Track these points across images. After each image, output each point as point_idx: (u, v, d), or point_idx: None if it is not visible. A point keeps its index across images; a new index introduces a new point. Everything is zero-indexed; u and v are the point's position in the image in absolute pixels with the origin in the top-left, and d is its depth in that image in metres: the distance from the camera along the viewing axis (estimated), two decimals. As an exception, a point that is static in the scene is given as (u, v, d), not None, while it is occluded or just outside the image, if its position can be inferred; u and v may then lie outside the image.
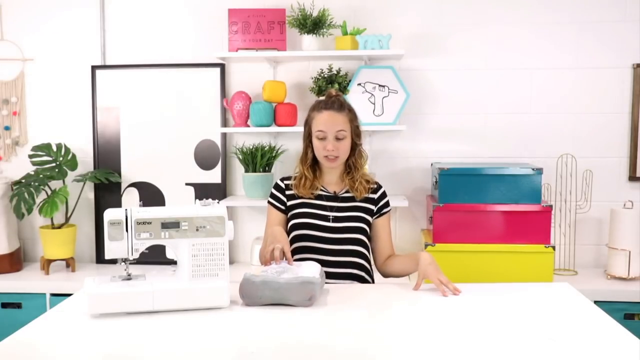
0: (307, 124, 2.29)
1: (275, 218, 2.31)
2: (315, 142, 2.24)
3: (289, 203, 2.30)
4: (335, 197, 2.29)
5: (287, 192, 2.31)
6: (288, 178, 2.35)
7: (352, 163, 2.30)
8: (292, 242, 2.26)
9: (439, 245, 2.89)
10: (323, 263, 2.18)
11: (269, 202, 2.34)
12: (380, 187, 2.35)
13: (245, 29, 3.15)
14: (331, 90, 2.36)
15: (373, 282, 2.33)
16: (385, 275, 2.35)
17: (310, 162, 2.29)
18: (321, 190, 2.29)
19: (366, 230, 2.28)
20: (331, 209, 2.26)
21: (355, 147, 2.29)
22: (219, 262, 1.86)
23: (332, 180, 2.32)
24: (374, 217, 2.31)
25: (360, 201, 2.28)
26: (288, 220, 2.30)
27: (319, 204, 2.27)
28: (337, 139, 2.21)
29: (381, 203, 2.32)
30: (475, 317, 1.79)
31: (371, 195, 2.31)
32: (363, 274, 2.27)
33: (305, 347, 1.58)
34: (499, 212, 2.89)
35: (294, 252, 2.24)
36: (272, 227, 2.21)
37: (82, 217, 3.43)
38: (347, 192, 2.30)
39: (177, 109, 3.37)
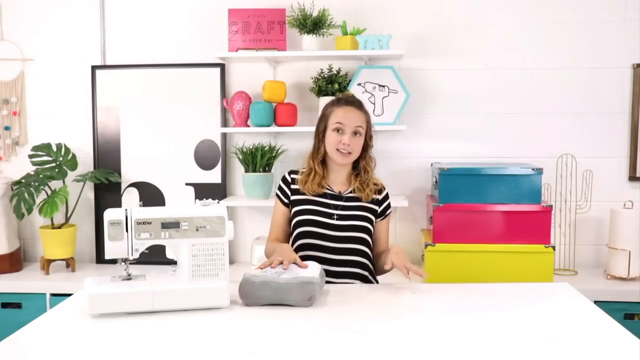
0: (324, 118, 2.29)
1: (279, 211, 2.33)
2: (330, 135, 2.24)
3: (292, 197, 2.30)
4: (339, 197, 2.29)
5: (292, 187, 2.31)
6: (296, 172, 2.35)
7: (363, 166, 2.30)
8: (295, 239, 2.27)
9: (439, 245, 2.89)
10: (326, 261, 2.18)
11: (276, 194, 2.36)
12: (384, 187, 2.35)
13: (245, 29, 3.15)
14: (348, 92, 2.35)
15: (377, 282, 2.32)
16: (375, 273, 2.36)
17: (321, 158, 2.29)
18: (326, 189, 2.29)
19: (370, 230, 2.27)
20: (335, 207, 2.26)
21: (366, 149, 2.30)
22: (219, 262, 1.86)
23: (337, 180, 2.31)
24: (377, 219, 2.31)
25: (365, 201, 2.28)
26: (291, 216, 2.30)
27: (324, 201, 2.27)
28: (354, 134, 2.22)
29: (384, 205, 2.32)
30: (475, 317, 1.79)
31: (375, 196, 2.30)
32: (366, 273, 2.27)
33: (305, 347, 1.58)
34: (499, 212, 2.89)
35: (297, 249, 2.24)
36: (281, 244, 2.20)
37: (82, 217, 3.43)
38: (351, 192, 2.30)
39: (177, 109, 3.37)
